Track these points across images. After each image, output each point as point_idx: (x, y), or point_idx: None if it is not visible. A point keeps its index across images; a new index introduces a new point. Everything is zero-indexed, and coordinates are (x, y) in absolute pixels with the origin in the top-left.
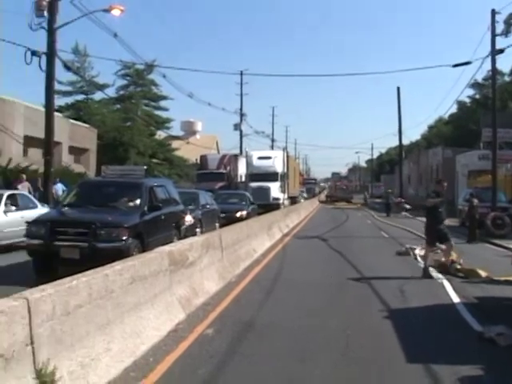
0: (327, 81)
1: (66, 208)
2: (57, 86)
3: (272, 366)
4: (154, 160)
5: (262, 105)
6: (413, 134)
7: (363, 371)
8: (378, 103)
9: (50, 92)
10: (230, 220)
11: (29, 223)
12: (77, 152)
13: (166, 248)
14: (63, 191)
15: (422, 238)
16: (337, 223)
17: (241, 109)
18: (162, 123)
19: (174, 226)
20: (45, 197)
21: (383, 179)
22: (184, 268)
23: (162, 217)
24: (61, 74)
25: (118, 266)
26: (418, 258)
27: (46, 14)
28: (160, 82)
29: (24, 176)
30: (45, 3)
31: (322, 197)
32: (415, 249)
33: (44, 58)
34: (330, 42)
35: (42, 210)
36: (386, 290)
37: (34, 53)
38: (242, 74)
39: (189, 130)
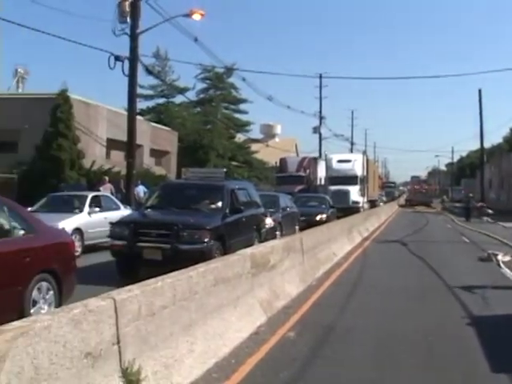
0: (406, 83)
1: (149, 210)
2: (138, 90)
3: (353, 372)
4: (234, 163)
5: (341, 107)
6: (495, 137)
7: (445, 380)
8: (459, 105)
9: (132, 96)
10: (309, 223)
11: (112, 224)
12: (158, 154)
13: (248, 250)
14: (144, 193)
15: (504, 243)
16: (416, 227)
17: (320, 112)
18: (242, 126)
19: (255, 229)
20: (127, 198)
21: (463, 183)
22: (266, 271)
23: (243, 219)
24: (142, 78)
25: (201, 267)
26: (501, 265)
27: (128, 19)
28: (239, 85)
29: (107, 178)
30: (127, 9)
31: (402, 200)
32: (498, 255)
33: (127, 62)
34: (408, 44)
35: (124, 211)
36: (469, 296)
37: (117, 58)
38: (321, 77)
39: (268, 132)
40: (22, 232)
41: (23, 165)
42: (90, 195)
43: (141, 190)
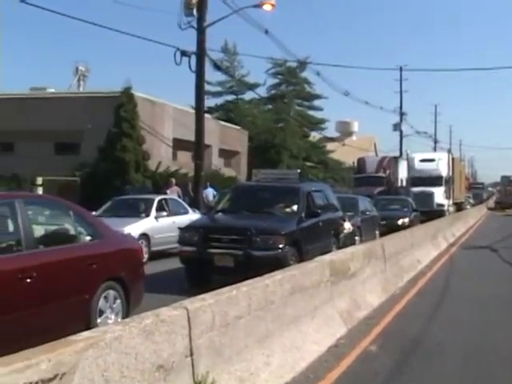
0: (495, 74)
1: (219, 214)
2: (206, 87)
3: None
4: (308, 163)
5: (423, 102)
6: None
7: None
8: None
9: (200, 93)
10: (390, 228)
11: (181, 229)
12: (227, 155)
13: (327, 257)
14: (214, 196)
15: None
16: (508, 233)
17: (400, 107)
18: (316, 124)
19: (333, 234)
20: (195, 202)
21: None
22: (345, 279)
23: (320, 224)
24: (210, 73)
25: (278, 275)
26: None
27: (195, 12)
28: (313, 79)
29: (173, 180)
30: (194, 1)
31: (491, 203)
32: None
33: (193, 57)
34: (497, 33)
35: (193, 215)
36: None
37: (183, 53)
38: (401, 69)
39: (344, 130)
40: (88, 238)
41: (86, 167)
42: (157, 198)
43: (210, 193)
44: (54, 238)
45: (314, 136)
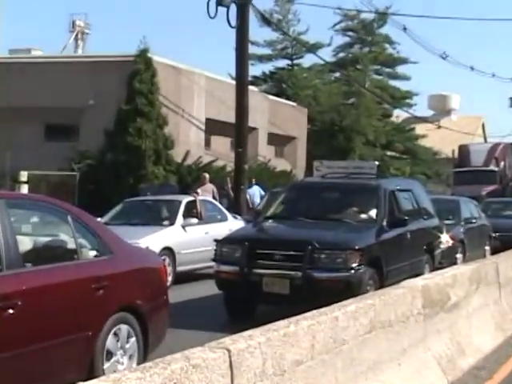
0: None
1: (269, 221)
2: (251, 49)
3: None
4: (390, 152)
5: None
6: None
7: None
8: None
9: (242, 57)
10: (506, 242)
11: (218, 242)
12: (279, 141)
13: (418, 282)
14: (261, 197)
15: None
16: None
17: None
18: (401, 99)
19: (426, 250)
20: (236, 205)
21: None
22: (444, 312)
23: (408, 235)
24: (256, 30)
25: (351, 306)
26: None
27: None
28: (398, 37)
29: (207, 176)
30: None
31: None
32: None
33: (233, 8)
34: None
35: (233, 223)
36: None
37: (219, 2)
38: None
39: (440, 108)
40: (92, 253)
41: (87, 158)
42: (185, 201)
43: (256, 193)
44: (46, 253)
45: (398, 116)
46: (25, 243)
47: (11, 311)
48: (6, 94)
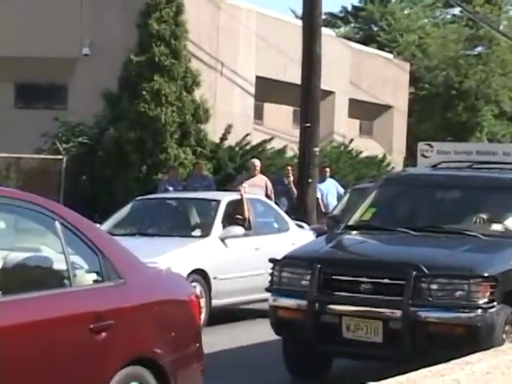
0: None
1: (352, 233)
2: None
3: None
4: None
5: None
6: None
7: None
8: None
9: None
10: None
11: (275, 264)
12: (366, 112)
13: None
14: (339, 196)
15: None
16: None
17: None
18: None
19: None
20: (302, 207)
21: None
22: None
23: None
24: None
25: (479, 364)
26: None
27: None
28: None
29: (257, 163)
30: None
31: None
32: None
33: None
34: None
35: (297, 234)
36: None
37: None
38: None
39: None
40: (91, 277)
41: (79, 134)
42: (225, 200)
43: (330, 190)
44: (22, 277)
45: None
46: None
47: None
48: None
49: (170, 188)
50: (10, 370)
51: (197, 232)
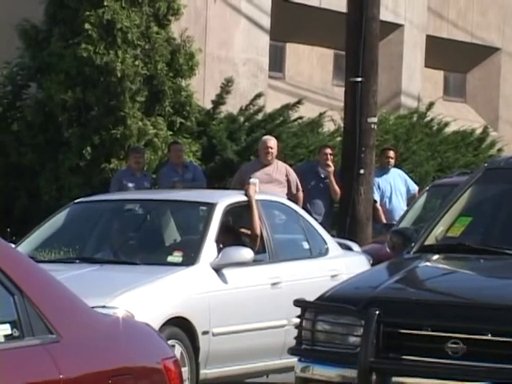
0: None
1: (433, 258)
2: None
3: None
4: None
5: None
6: None
7: None
8: None
9: None
10: None
11: (304, 309)
12: (454, 60)
13: None
14: (409, 196)
15: None
16: None
17: None
18: None
19: None
20: (348, 215)
21: None
22: None
23: None
24: None
25: None
26: None
27: None
28: None
29: (273, 144)
30: None
31: None
32: None
33: None
34: None
35: (342, 260)
36: None
37: None
38: None
39: None
40: (5, 332)
41: None
42: (222, 204)
43: (397, 187)
44: None
45: None
46: None
47: None
48: None
49: (130, 184)
50: None
51: (176, 257)
